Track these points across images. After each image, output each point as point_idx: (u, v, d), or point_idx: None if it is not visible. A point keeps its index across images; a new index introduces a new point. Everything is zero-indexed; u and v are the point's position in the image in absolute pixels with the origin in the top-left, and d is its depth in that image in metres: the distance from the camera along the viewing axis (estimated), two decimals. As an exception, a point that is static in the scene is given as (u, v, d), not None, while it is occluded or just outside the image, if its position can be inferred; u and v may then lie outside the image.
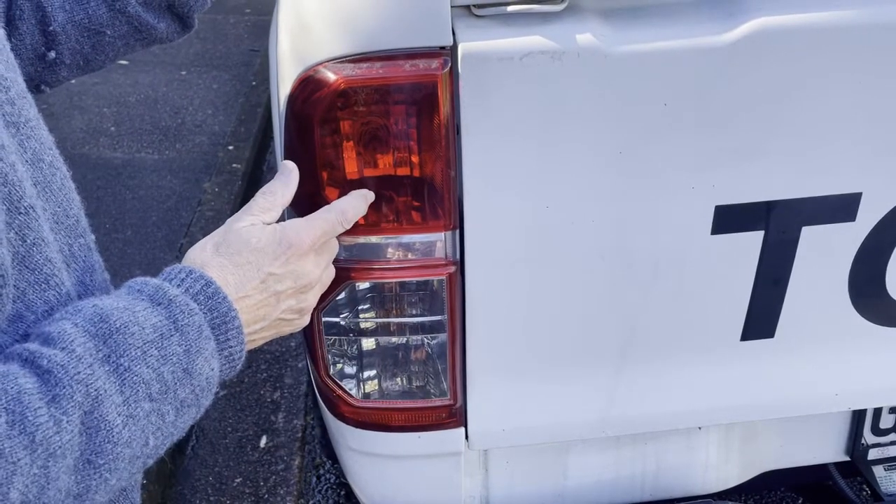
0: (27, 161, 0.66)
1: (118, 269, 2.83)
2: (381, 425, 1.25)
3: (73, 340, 0.62)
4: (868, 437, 1.48)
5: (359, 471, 1.34)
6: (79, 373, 0.61)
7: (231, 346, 0.71)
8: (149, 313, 0.66)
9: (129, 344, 0.64)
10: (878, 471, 1.52)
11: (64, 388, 0.60)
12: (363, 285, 1.16)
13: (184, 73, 4.06)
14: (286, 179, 0.85)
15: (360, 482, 1.36)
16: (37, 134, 0.69)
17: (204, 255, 0.74)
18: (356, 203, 0.91)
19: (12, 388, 0.57)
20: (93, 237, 0.76)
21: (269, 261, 0.76)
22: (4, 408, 0.56)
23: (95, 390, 0.61)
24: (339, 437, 1.31)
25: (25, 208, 0.63)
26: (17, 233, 0.62)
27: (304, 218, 0.82)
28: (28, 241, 0.64)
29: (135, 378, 0.64)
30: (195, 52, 4.21)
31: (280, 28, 1.18)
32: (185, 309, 0.68)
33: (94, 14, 0.97)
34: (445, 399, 1.23)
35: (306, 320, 0.82)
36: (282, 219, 0.84)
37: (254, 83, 4.00)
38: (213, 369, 0.70)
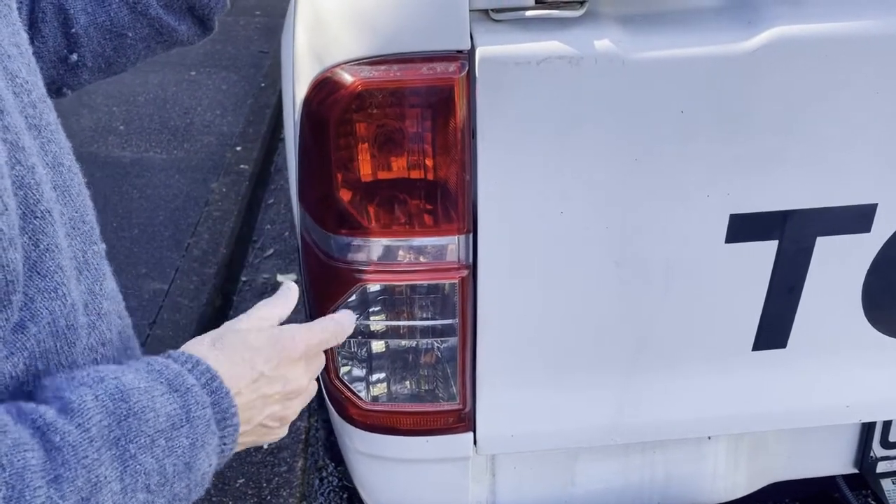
0: (48, 164, 0.66)
1: (124, 268, 2.83)
2: (390, 428, 1.24)
3: (90, 417, 0.61)
4: (877, 449, 1.48)
5: (366, 474, 1.34)
6: (86, 457, 0.60)
7: (225, 444, 0.70)
8: (165, 399, 0.66)
9: (141, 431, 0.63)
10: (887, 484, 1.51)
11: (69, 469, 0.59)
12: (374, 287, 1.16)
13: (193, 73, 4.07)
14: (286, 298, 0.83)
15: (367, 485, 1.35)
16: (56, 138, 0.69)
17: (201, 349, 0.73)
18: (350, 319, 0.88)
19: (18, 461, 0.56)
20: (104, 245, 0.75)
21: (262, 361, 0.75)
22: (5, 482, 0.55)
23: (97, 476, 0.60)
24: (347, 439, 1.30)
25: (41, 213, 0.62)
26: (30, 237, 0.62)
27: (302, 325, 0.81)
28: (41, 246, 0.63)
29: (138, 468, 0.63)
30: (205, 52, 4.22)
31: (297, 28, 1.18)
32: (200, 401, 0.67)
33: (116, 16, 0.97)
34: (454, 403, 1.23)
35: (284, 431, 0.81)
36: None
37: (263, 85, 4.01)
38: (210, 465, 0.69)
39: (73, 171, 0.70)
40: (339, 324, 0.84)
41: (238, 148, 3.51)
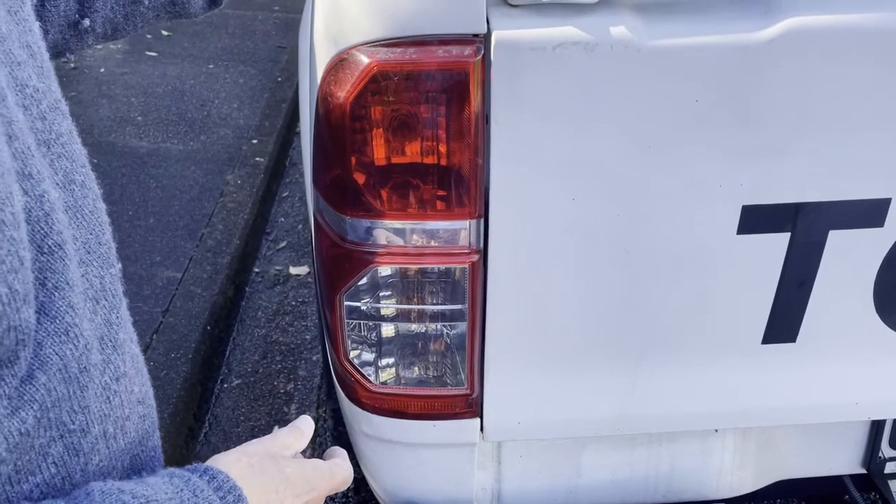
0: (58, 184, 0.60)
1: (140, 256, 2.86)
2: (397, 412, 1.25)
3: None
4: (886, 450, 1.47)
5: (372, 457, 1.34)
6: None
7: None
8: None
9: None
10: (895, 485, 1.50)
11: None
12: (385, 271, 1.16)
13: (211, 66, 4.09)
14: (303, 432, 0.81)
15: (373, 469, 1.36)
16: (68, 151, 0.62)
17: (239, 467, 0.71)
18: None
19: None
20: (120, 265, 0.69)
21: (292, 496, 0.73)
22: None
23: None
24: (354, 422, 1.31)
25: (49, 248, 0.57)
26: (36, 277, 0.56)
27: (328, 463, 0.79)
28: (49, 285, 0.57)
29: None
30: (223, 46, 4.25)
31: (316, 14, 1.19)
32: None
33: None
34: (462, 389, 1.23)
35: None
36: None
37: (279, 79, 4.03)
38: None
39: (87, 185, 0.65)
40: (349, 471, 0.82)
41: (254, 141, 3.54)
